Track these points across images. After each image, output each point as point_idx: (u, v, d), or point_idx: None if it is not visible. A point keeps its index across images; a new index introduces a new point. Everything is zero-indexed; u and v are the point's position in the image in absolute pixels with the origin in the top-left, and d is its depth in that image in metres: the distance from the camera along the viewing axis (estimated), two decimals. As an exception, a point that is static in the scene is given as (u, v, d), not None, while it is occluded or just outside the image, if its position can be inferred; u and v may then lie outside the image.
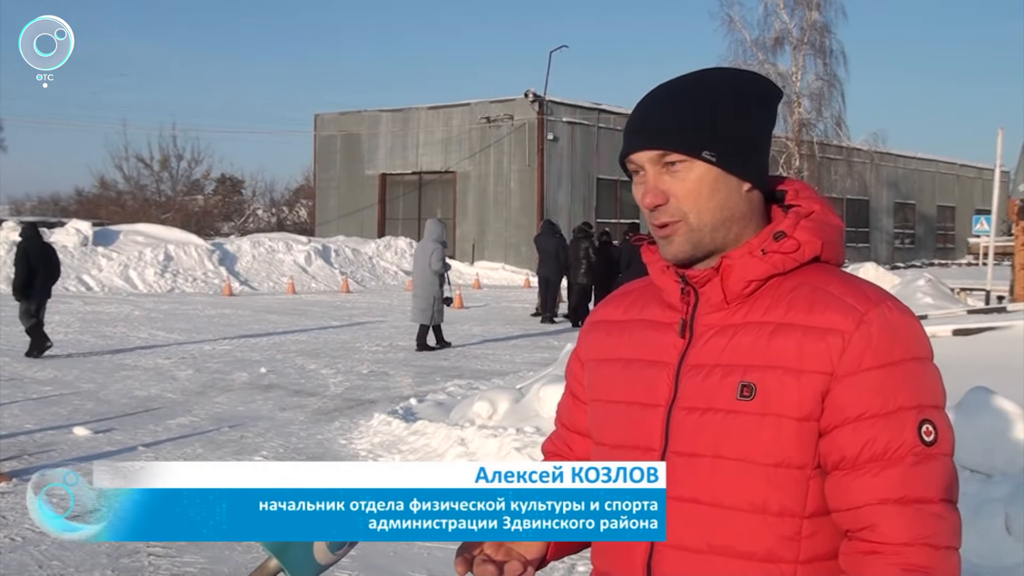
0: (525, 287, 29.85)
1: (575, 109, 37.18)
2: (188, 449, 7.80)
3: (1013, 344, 9.09)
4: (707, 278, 1.50)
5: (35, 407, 9.38)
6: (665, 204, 1.48)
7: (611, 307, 1.68)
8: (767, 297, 1.48)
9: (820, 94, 36.77)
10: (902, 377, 1.40)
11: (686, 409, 1.47)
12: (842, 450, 1.40)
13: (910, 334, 1.43)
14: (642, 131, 1.50)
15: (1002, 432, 5.44)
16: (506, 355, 13.89)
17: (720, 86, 1.51)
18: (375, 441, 8.14)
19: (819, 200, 1.55)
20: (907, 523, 1.36)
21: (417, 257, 14.36)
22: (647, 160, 1.49)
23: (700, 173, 1.47)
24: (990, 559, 4.83)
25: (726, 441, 1.43)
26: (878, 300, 1.45)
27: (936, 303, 14.97)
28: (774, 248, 1.48)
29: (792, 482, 1.42)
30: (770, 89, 1.57)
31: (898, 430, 1.38)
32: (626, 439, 1.54)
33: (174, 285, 25.31)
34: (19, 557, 5.23)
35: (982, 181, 54.90)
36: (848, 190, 44.33)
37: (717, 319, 1.50)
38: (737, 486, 1.43)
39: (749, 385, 1.43)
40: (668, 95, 1.52)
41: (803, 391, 1.41)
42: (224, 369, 12.08)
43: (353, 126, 41.27)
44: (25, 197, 59.75)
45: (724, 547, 1.43)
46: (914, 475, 1.37)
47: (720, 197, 1.48)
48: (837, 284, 1.47)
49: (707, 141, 1.46)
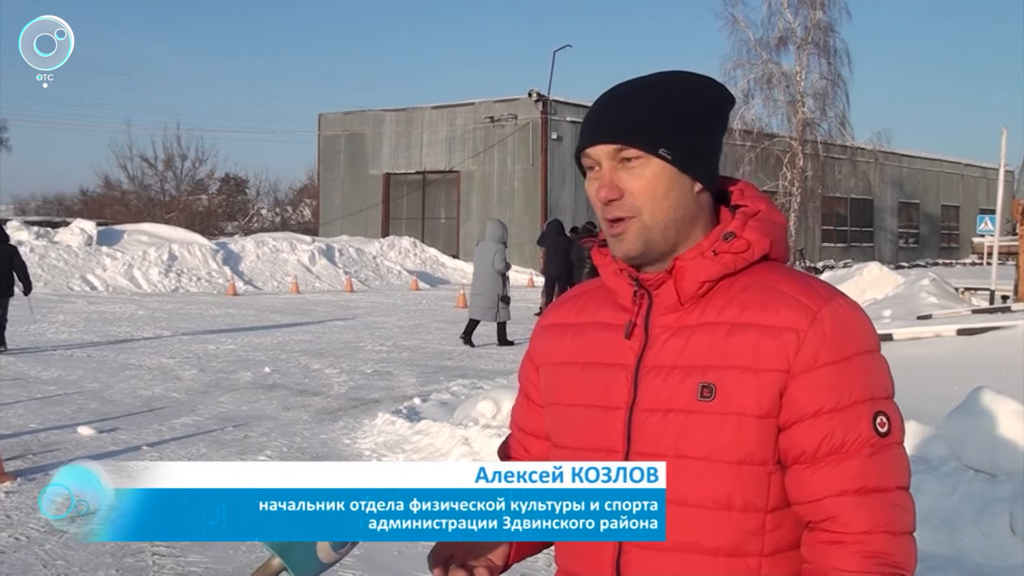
0: (529, 286, 29.85)
1: (579, 108, 37.13)
2: (192, 449, 7.81)
3: (1017, 343, 9.08)
4: (660, 280, 1.53)
5: (40, 407, 9.39)
6: (620, 199, 1.50)
7: (563, 310, 1.69)
8: (720, 297, 1.51)
9: (824, 93, 36.68)
10: (855, 371, 1.45)
11: (647, 411, 1.50)
12: (801, 445, 1.44)
13: (860, 328, 1.48)
14: (600, 125, 1.52)
15: (1007, 432, 5.43)
16: (510, 354, 13.88)
17: (678, 88, 1.54)
18: (379, 441, 8.14)
19: (764, 199, 1.58)
20: (867, 512, 1.41)
21: (478, 257, 14.72)
22: (604, 154, 1.51)
23: (656, 171, 1.49)
24: (995, 559, 4.83)
25: (688, 441, 1.46)
26: (829, 297, 1.49)
27: (940, 303, 14.95)
28: (725, 248, 1.51)
29: (755, 478, 1.46)
30: (725, 95, 1.60)
31: (854, 423, 1.43)
32: (588, 442, 1.55)
33: (178, 285, 25.34)
34: (24, 556, 5.24)
35: (986, 180, 54.82)
36: (852, 190, 44.28)
37: (671, 320, 1.52)
38: (701, 484, 1.46)
39: (709, 386, 1.46)
40: (627, 93, 1.54)
41: (762, 389, 1.45)
42: (228, 369, 12.09)
43: (357, 125, 41.30)
44: (30, 197, 60.02)
45: (691, 544, 1.46)
46: (871, 465, 1.43)
47: (674, 196, 1.50)
48: (788, 283, 1.51)
49: (664, 139, 1.48)
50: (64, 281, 24.03)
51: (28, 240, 25.26)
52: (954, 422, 5.65)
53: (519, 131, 36.35)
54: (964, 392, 5.86)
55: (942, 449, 5.57)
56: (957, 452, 5.54)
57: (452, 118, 38.45)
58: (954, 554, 4.88)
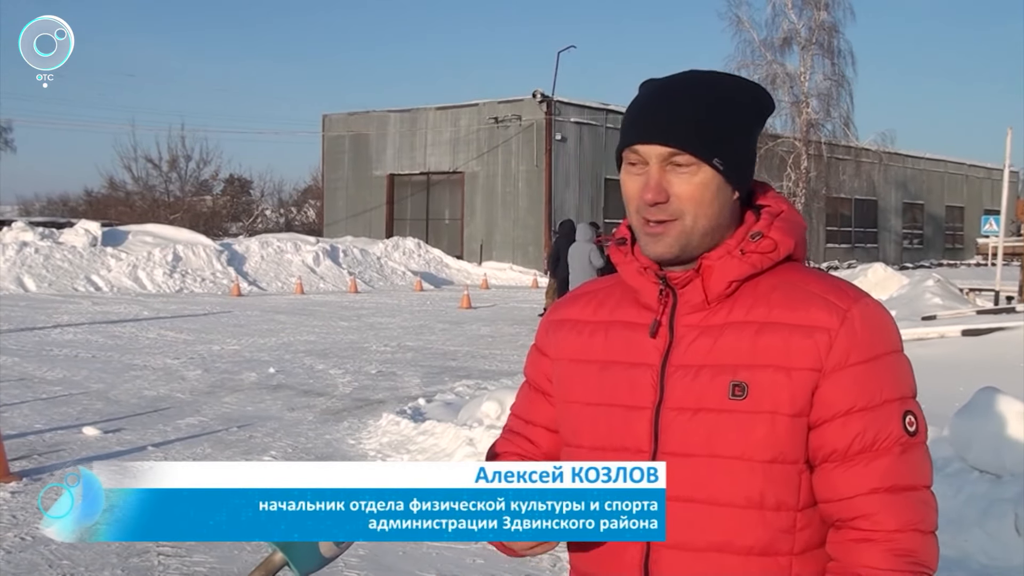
0: (533, 287, 29.84)
1: (583, 109, 37.17)
2: (197, 449, 7.82)
3: (1022, 344, 9.08)
4: (688, 279, 1.52)
5: (45, 407, 9.41)
6: (666, 203, 1.48)
7: (578, 306, 1.66)
8: (747, 297, 1.51)
9: (828, 94, 36.69)
10: (884, 370, 1.47)
11: (676, 410, 1.49)
12: (832, 443, 1.45)
13: (888, 328, 1.50)
14: (654, 124, 1.49)
15: (1012, 433, 5.42)
16: (514, 355, 13.88)
17: (730, 94, 1.52)
18: (384, 441, 8.15)
19: (784, 200, 1.59)
20: (897, 510, 1.42)
21: (573, 257, 15.00)
22: (654, 155, 1.49)
23: (706, 178, 1.48)
24: (999, 559, 4.82)
25: (720, 440, 1.46)
26: (857, 297, 1.50)
27: (945, 303, 14.93)
28: (752, 248, 1.51)
29: (786, 476, 1.46)
30: (770, 104, 1.60)
31: (885, 422, 1.45)
32: (609, 441, 1.54)
33: (183, 285, 25.36)
34: (29, 556, 5.25)
35: (991, 181, 54.76)
36: (856, 190, 44.24)
37: (697, 319, 1.52)
38: (734, 483, 1.45)
39: (741, 384, 1.46)
40: (680, 92, 1.51)
41: (795, 388, 1.45)
42: (233, 369, 12.10)
43: (361, 126, 41.33)
44: (35, 198, 59.97)
45: (723, 544, 1.46)
46: (901, 464, 1.44)
47: (718, 204, 1.50)
48: (816, 282, 1.52)
49: (719, 148, 1.48)
50: (69, 282, 24.05)
51: (33, 241, 25.28)
52: (959, 423, 5.65)
53: (523, 132, 36.35)
54: (969, 393, 5.85)
55: (947, 450, 5.57)
56: (962, 453, 5.54)
57: (456, 119, 38.46)
58: (959, 555, 4.88)
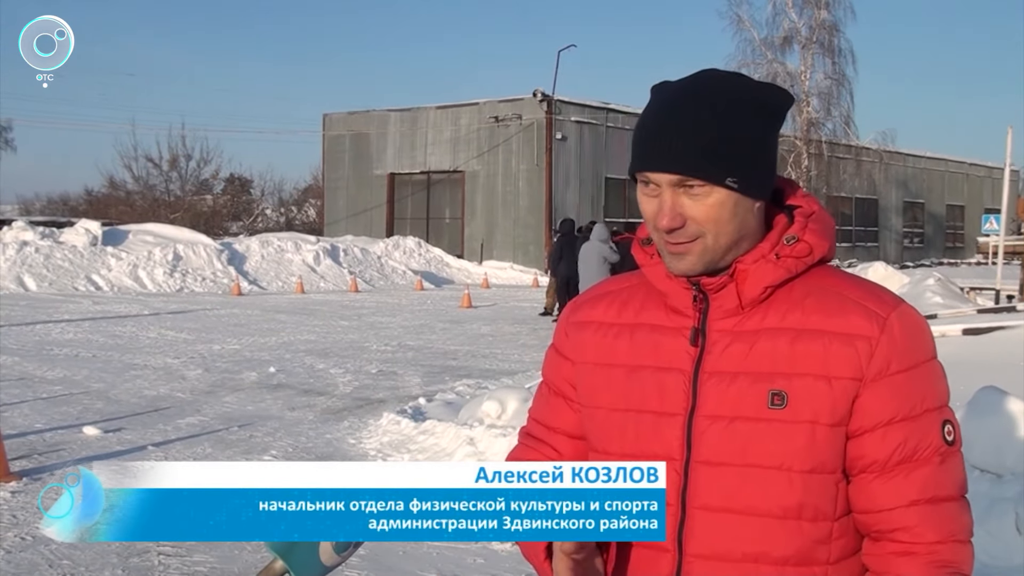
0: (534, 287, 29.83)
1: (583, 108, 37.16)
2: (198, 448, 7.82)
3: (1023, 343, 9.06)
4: (721, 284, 1.47)
5: (45, 406, 9.40)
6: (683, 227, 1.43)
7: (601, 307, 1.60)
8: (781, 302, 1.46)
9: (829, 93, 36.73)
10: (924, 379, 1.44)
11: (710, 417, 1.45)
12: (872, 454, 1.42)
13: (926, 335, 1.47)
14: (661, 151, 1.43)
15: (1012, 431, 5.42)
16: (515, 354, 13.88)
17: (743, 105, 1.44)
18: (384, 441, 8.15)
19: (815, 199, 1.55)
20: (937, 522, 1.40)
21: (585, 255, 15.24)
22: (665, 181, 1.43)
23: (720, 198, 1.42)
24: (1000, 559, 4.81)
25: (758, 449, 1.42)
26: (895, 303, 1.47)
27: (946, 302, 14.93)
28: (787, 252, 1.47)
29: (825, 486, 1.43)
30: (784, 100, 1.52)
31: (925, 432, 1.43)
32: (638, 448, 1.48)
33: (183, 285, 25.36)
34: (30, 556, 5.24)
35: (992, 180, 54.73)
36: (857, 189, 44.22)
37: (730, 325, 1.47)
38: (771, 493, 1.42)
39: (780, 393, 1.42)
40: (688, 110, 1.43)
41: (835, 397, 1.41)
42: (233, 368, 12.10)
43: (362, 126, 41.32)
44: (35, 197, 59.93)
45: (759, 554, 1.42)
46: (941, 474, 1.42)
47: (738, 220, 1.45)
48: (852, 288, 1.47)
49: (731, 168, 1.41)
50: (69, 281, 24.05)
51: (33, 240, 25.28)
52: (959, 422, 5.64)
53: (524, 131, 36.34)
54: (970, 392, 5.84)
55: (947, 449, 5.56)
56: (963, 452, 5.53)
57: (456, 118, 38.45)
58: (959, 554, 4.87)
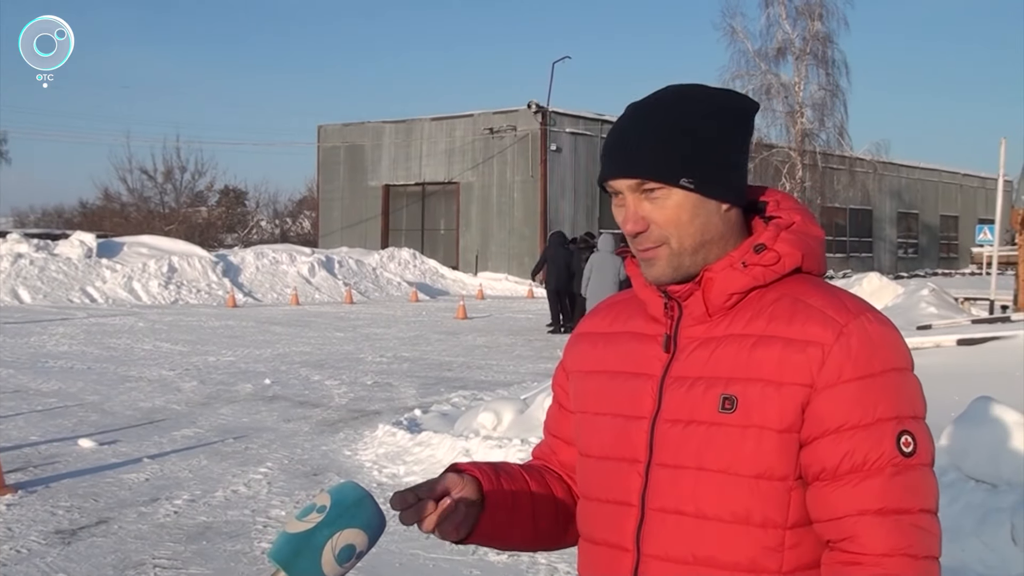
0: (529, 297, 29.85)
1: (578, 120, 37.24)
2: (193, 460, 7.81)
3: (1017, 353, 9.08)
4: (689, 292, 1.51)
5: (40, 419, 9.39)
6: (646, 231, 1.49)
7: (597, 319, 1.69)
8: (748, 309, 1.49)
9: (823, 104, 36.86)
10: (881, 388, 1.41)
11: (669, 421, 1.49)
12: (822, 461, 1.41)
13: (889, 345, 1.44)
14: (619, 158, 1.50)
15: (1007, 442, 5.43)
16: (510, 366, 13.89)
17: (693, 108, 1.50)
18: (380, 452, 8.14)
19: (801, 210, 1.56)
20: (886, 534, 1.37)
21: (597, 268, 14.91)
22: (625, 187, 1.49)
23: (679, 200, 1.47)
24: (996, 569, 4.82)
25: (708, 453, 1.45)
26: (858, 312, 1.45)
27: (940, 313, 14.95)
28: (755, 261, 1.49)
29: (774, 493, 1.43)
30: (744, 105, 1.56)
31: (877, 441, 1.39)
32: (612, 451, 1.55)
33: (178, 297, 25.32)
34: (25, 569, 5.23)
35: (985, 191, 54.89)
36: (851, 200, 44.32)
37: (699, 331, 1.51)
38: (720, 497, 1.44)
39: (731, 398, 1.44)
40: (644, 118, 1.51)
41: (784, 403, 1.42)
42: (228, 380, 12.09)
43: (356, 137, 41.37)
44: (29, 209, 59.98)
45: (708, 558, 1.45)
46: (893, 486, 1.38)
47: (700, 221, 1.48)
48: (817, 296, 1.48)
49: (685, 168, 1.46)
50: (64, 294, 24.01)
51: (28, 252, 25.23)
52: (955, 432, 5.65)
53: (518, 142, 36.41)
54: (965, 402, 5.85)
55: (943, 459, 5.57)
56: (958, 462, 5.54)
57: (451, 130, 38.52)
58: (955, 565, 4.88)
